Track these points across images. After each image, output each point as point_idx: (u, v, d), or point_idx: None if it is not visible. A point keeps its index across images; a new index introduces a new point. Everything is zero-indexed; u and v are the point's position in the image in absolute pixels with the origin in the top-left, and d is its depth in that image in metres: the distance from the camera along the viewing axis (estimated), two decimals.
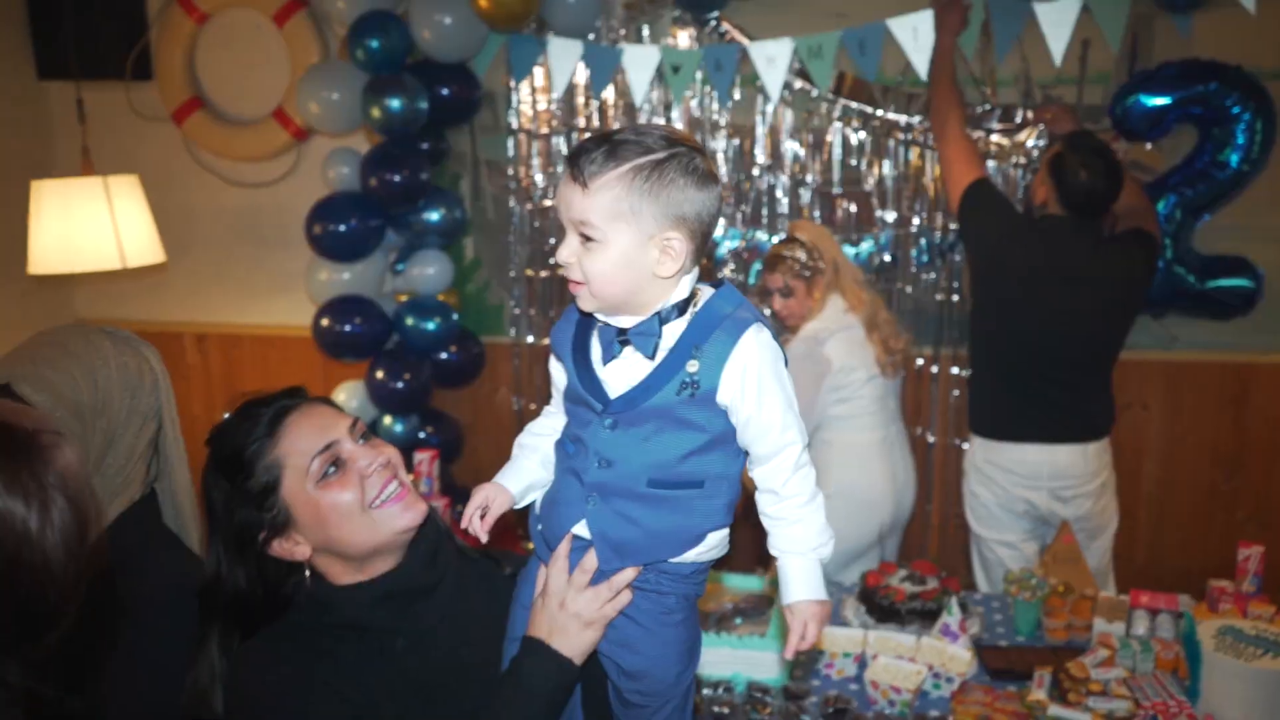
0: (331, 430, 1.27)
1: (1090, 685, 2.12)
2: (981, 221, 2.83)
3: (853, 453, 2.88)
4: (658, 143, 1.09)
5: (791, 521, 1.15)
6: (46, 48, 3.85)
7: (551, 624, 1.20)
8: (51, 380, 1.36)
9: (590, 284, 1.11)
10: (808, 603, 1.14)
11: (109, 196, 3.05)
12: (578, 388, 1.17)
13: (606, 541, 1.16)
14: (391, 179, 3.24)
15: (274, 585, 1.29)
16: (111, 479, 1.41)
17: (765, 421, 1.12)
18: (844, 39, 2.96)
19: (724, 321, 1.12)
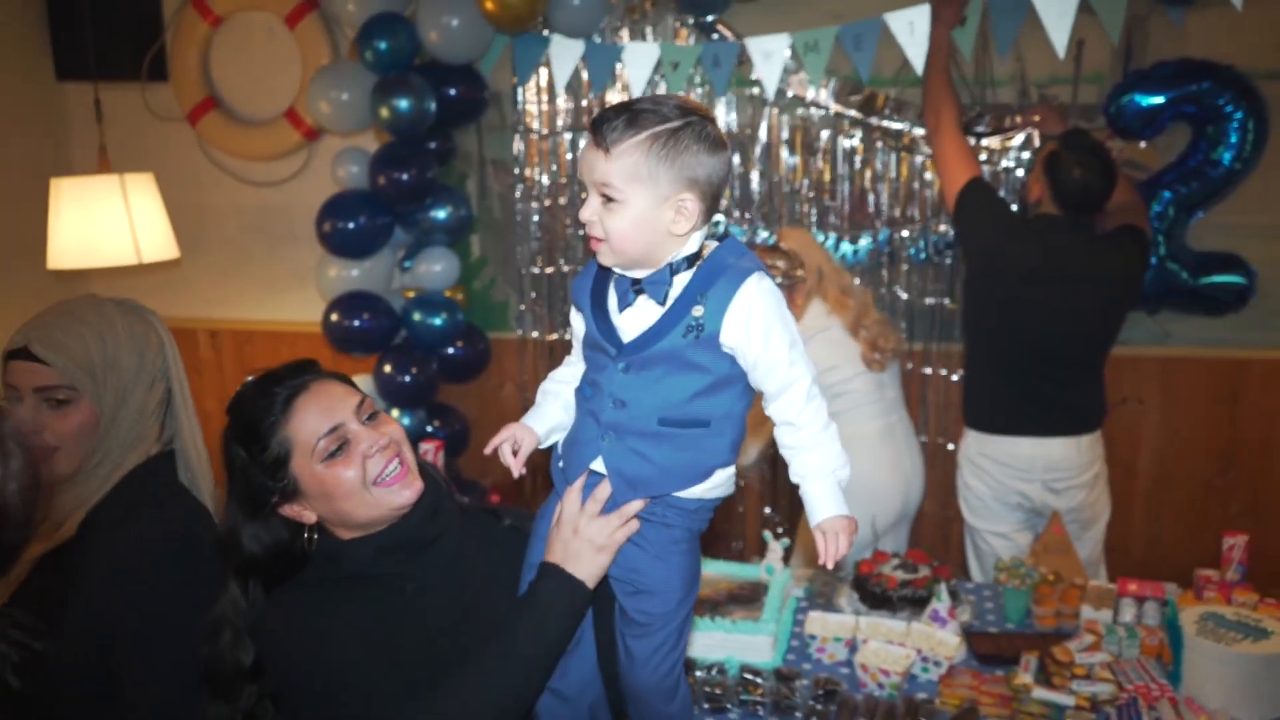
0: (339, 412, 1.37)
1: (1075, 669, 2.17)
2: (977, 220, 2.88)
3: (854, 446, 2.90)
4: (673, 111, 1.20)
5: (810, 448, 1.26)
6: (65, 50, 3.95)
7: (566, 550, 1.30)
8: (65, 343, 1.47)
9: (610, 240, 1.22)
10: (834, 519, 1.25)
11: (125, 194, 3.14)
12: (595, 334, 1.28)
13: (621, 476, 1.27)
14: (399, 178, 3.32)
15: (285, 542, 1.40)
16: (126, 433, 1.53)
17: (772, 359, 1.22)
18: (840, 34, 3.01)
19: (727, 270, 1.23)
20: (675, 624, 1.32)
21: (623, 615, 1.34)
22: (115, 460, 1.53)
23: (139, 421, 1.54)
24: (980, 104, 3.32)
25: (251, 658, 1.36)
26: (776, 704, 2.07)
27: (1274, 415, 3.36)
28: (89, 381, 1.49)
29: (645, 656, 1.31)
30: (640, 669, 1.32)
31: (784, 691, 2.09)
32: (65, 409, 1.49)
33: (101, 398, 1.50)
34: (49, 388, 1.48)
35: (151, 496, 1.52)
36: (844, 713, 2.03)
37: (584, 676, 1.38)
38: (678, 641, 1.33)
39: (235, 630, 1.37)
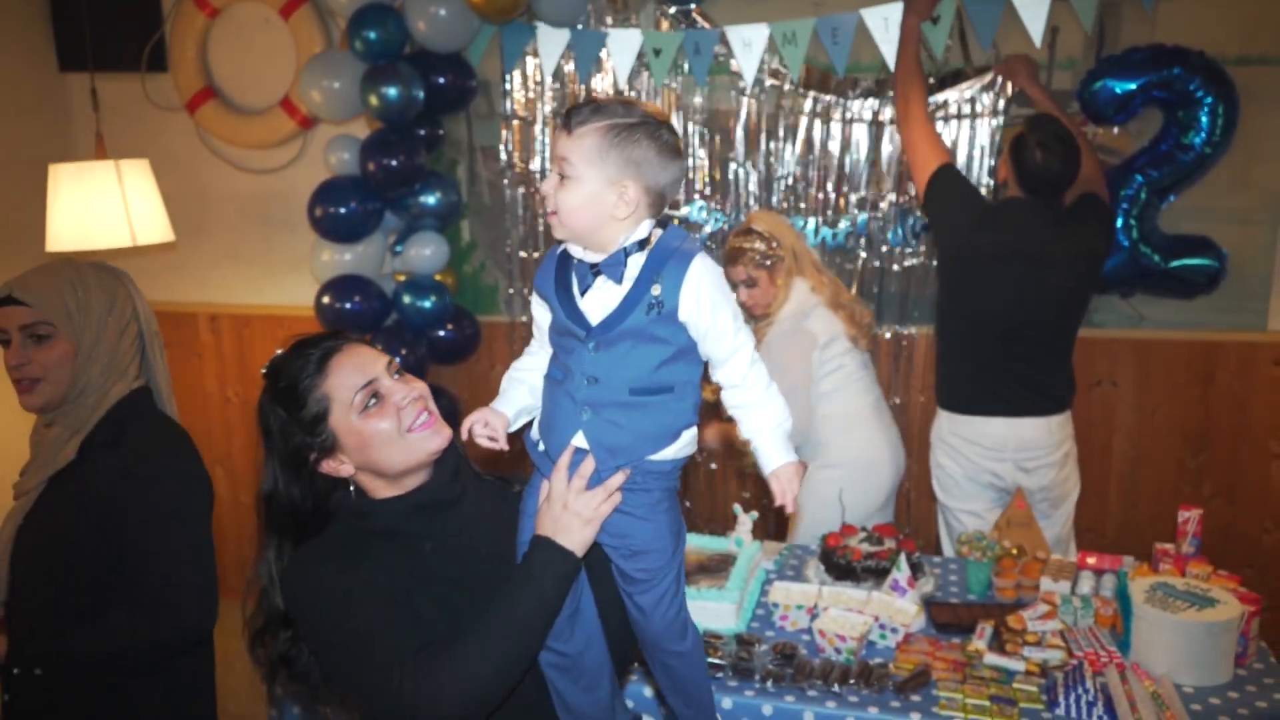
0: (371, 368, 1.48)
1: (1027, 636, 2.24)
2: (947, 206, 2.94)
3: (850, 421, 2.98)
4: (634, 111, 1.34)
5: (756, 406, 1.41)
6: (67, 41, 4.04)
7: (556, 524, 1.41)
8: (41, 287, 1.70)
9: (560, 214, 1.35)
10: (784, 465, 1.41)
11: (120, 179, 3.23)
12: (563, 319, 1.38)
13: (601, 446, 1.38)
14: (389, 164, 3.40)
15: (322, 498, 1.50)
16: (104, 366, 1.75)
17: (720, 329, 1.36)
18: (818, 26, 3.07)
19: (675, 252, 1.35)
20: (673, 573, 1.45)
21: (624, 576, 1.45)
22: (99, 390, 1.75)
23: (114, 357, 1.75)
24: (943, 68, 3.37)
25: (283, 606, 1.47)
26: (735, 666, 2.14)
27: (1245, 397, 3.40)
28: (64, 318, 1.70)
29: (652, 606, 1.44)
30: (650, 618, 1.45)
31: (743, 655, 2.17)
32: (46, 344, 1.71)
33: (77, 333, 1.71)
34: (30, 324, 1.70)
35: (137, 418, 1.77)
36: (800, 675, 2.11)
37: (587, 636, 1.49)
38: (678, 587, 1.47)
39: (271, 581, 1.48)
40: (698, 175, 3.64)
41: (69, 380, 1.73)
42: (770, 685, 2.09)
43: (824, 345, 2.93)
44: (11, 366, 1.72)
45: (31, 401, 1.75)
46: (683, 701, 1.55)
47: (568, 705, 1.50)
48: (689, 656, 1.51)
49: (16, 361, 1.71)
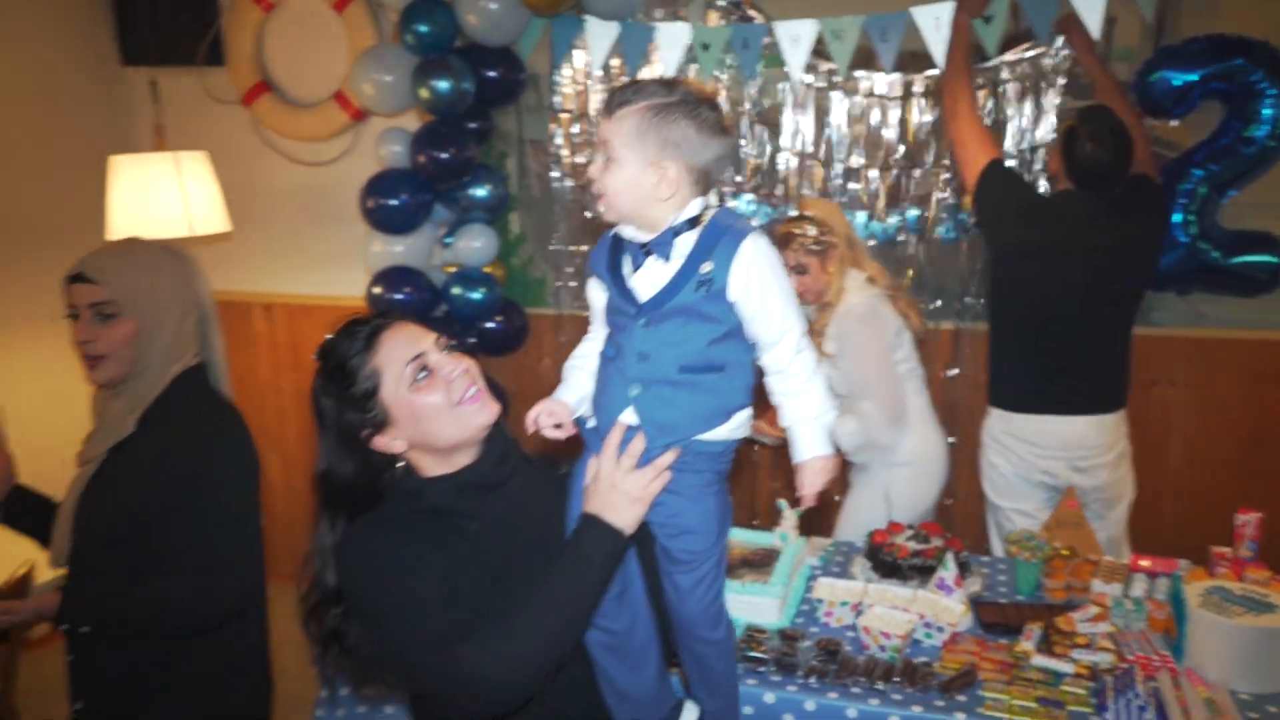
0: (420, 343, 1.50)
1: (1077, 638, 2.20)
2: (996, 200, 2.90)
3: (913, 417, 2.94)
4: (675, 91, 1.34)
5: (797, 395, 1.40)
6: (129, 36, 4.14)
7: (604, 502, 1.42)
8: (111, 267, 1.78)
9: (606, 197, 1.37)
10: (815, 458, 1.40)
11: (179, 170, 3.30)
12: (616, 298, 1.40)
13: (651, 422, 1.39)
14: (440, 156, 3.43)
15: (374, 476, 1.53)
16: (164, 347, 1.83)
17: (769, 311, 1.36)
18: (866, 24, 3.05)
19: (728, 231, 1.35)
20: (714, 558, 1.46)
21: (666, 555, 1.46)
22: (159, 370, 1.82)
23: (175, 338, 1.83)
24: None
25: (335, 582, 1.50)
26: (779, 661, 2.13)
27: None
28: (131, 299, 1.78)
29: (690, 588, 1.45)
30: (686, 600, 1.46)
31: (786, 650, 2.16)
32: (111, 322, 1.78)
33: (141, 314, 1.79)
34: (99, 303, 1.78)
35: (192, 395, 1.85)
36: (844, 671, 2.10)
37: (635, 616, 1.50)
38: (717, 573, 1.47)
39: (324, 558, 1.51)
40: (746, 168, 3.62)
41: (132, 358, 1.81)
42: (814, 681, 2.08)
43: (894, 334, 2.89)
44: (79, 342, 1.80)
45: (96, 376, 1.83)
46: (709, 692, 1.55)
47: (615, 685, 1.52)
48: (720, 646, 1.51)
49: (84, 338, 1.79)
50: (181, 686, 1.86)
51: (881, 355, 2.84)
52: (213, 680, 1.89)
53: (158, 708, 1.85)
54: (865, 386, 2.83)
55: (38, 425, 3.80)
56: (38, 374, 3.88)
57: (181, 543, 1.77)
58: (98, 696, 1.88)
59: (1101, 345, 2.89)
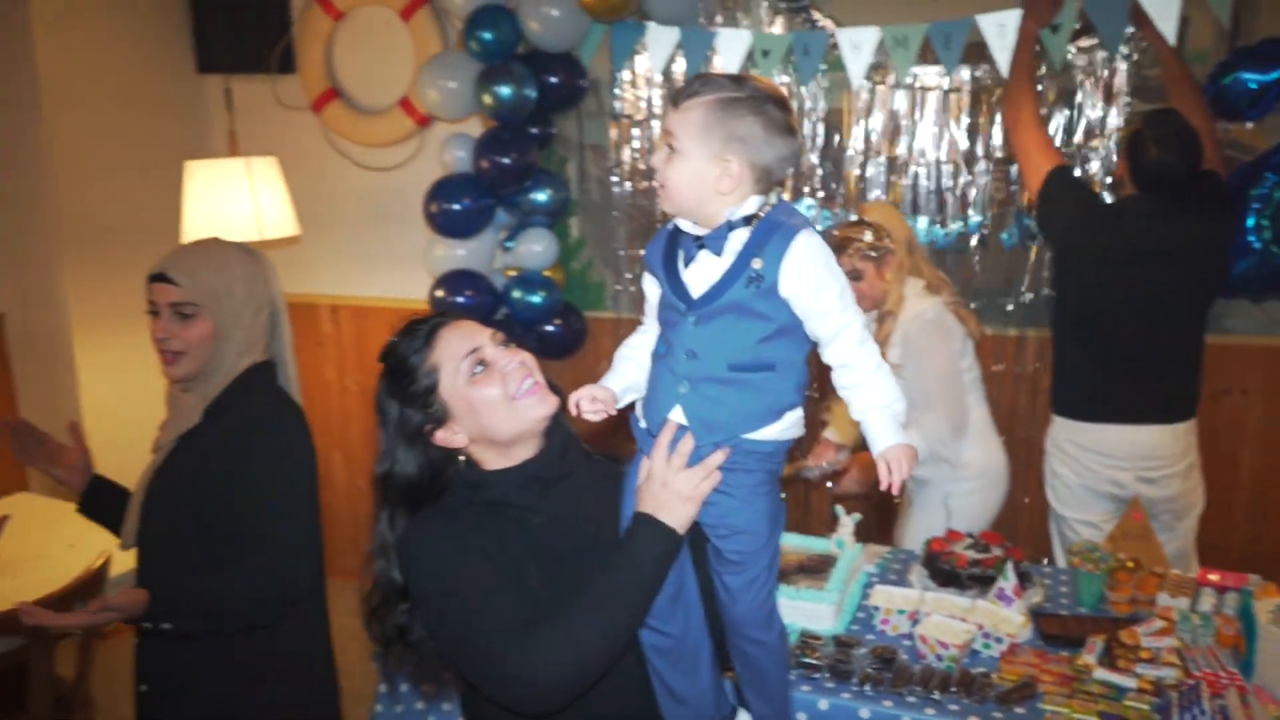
0: (476, 338, 1.54)
1: (1141, 653, 2.16)
2: (1059, 206, 2.86)
3: (976, 429, 2.90)
4: (743, 87, 1.34)
5: (865, 386, 1.38)
6: (205, 45, 4.26)
7: (656, 501, 1.43)
8: (192, 269, 1.85)
9: (667, 188, 1.37)
10: (893, 447, 1.37)
11: (250, 175, 3.40)
12: (668, 293, 1.41)
13: (698, 420, 1.39)
14: (502, 162, 3.48)
15: (436, 470, 1.56)
16: (237, 345, 1.90)
17: (824, 307, 1.34)
18: (930, 31, 3.02)
19: (780, 227, 1.35)
20: (766, 559, 1.45)
21: (717, 555, 1.47)
22: (230, 366, 1.90)
23: (248, 337, 1.90)
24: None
25: (399, 577, 1.53)
26: (833, 668, 2.13)
27: None
28: (209, 300, 1.85)
29: (741, 589, 1.45)
30: (737, 601, 1.46)
31: (841, 657, 2.16)
32: (190, 322, 1.85)
33: (218, 314, 1.86)
34: (179, 303, 1.85)
35: (257, 390, 1.91)
36: (899, 680, 2.08)
37: (689, 618, 1.51)
38: (769, 574, 1.47)
39: (388, 554, 1.54)
40: (809, 172, 3.61)
41: (207, 356, 1.88)
42: (868, 689, 2.07)
43: (960, 342, 2.84)
44: (157, 338, 1.87)
45: (173, 372, 1.90)
46: (760, 697, 1.55)
47: (669, 689, 1.52)
48: (772, 649, 1.51)
49: (162, 335, 1.86)
50: (241, 675, 1.91)
51: (949, 365, 2.79)
52: (272, 671, 1.94)
53: (218, 694, 1.91)
54: (929, 397, 2.78)
55: (118, 419, 3.95)
56: (119, 369, 4.02)
57: (243, 534, 1.83)
58: (161, 681, 1.96)
59: (1171, 352, 2.82)
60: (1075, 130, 3.32)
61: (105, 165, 4.00)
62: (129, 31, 4.08)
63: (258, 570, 1.81)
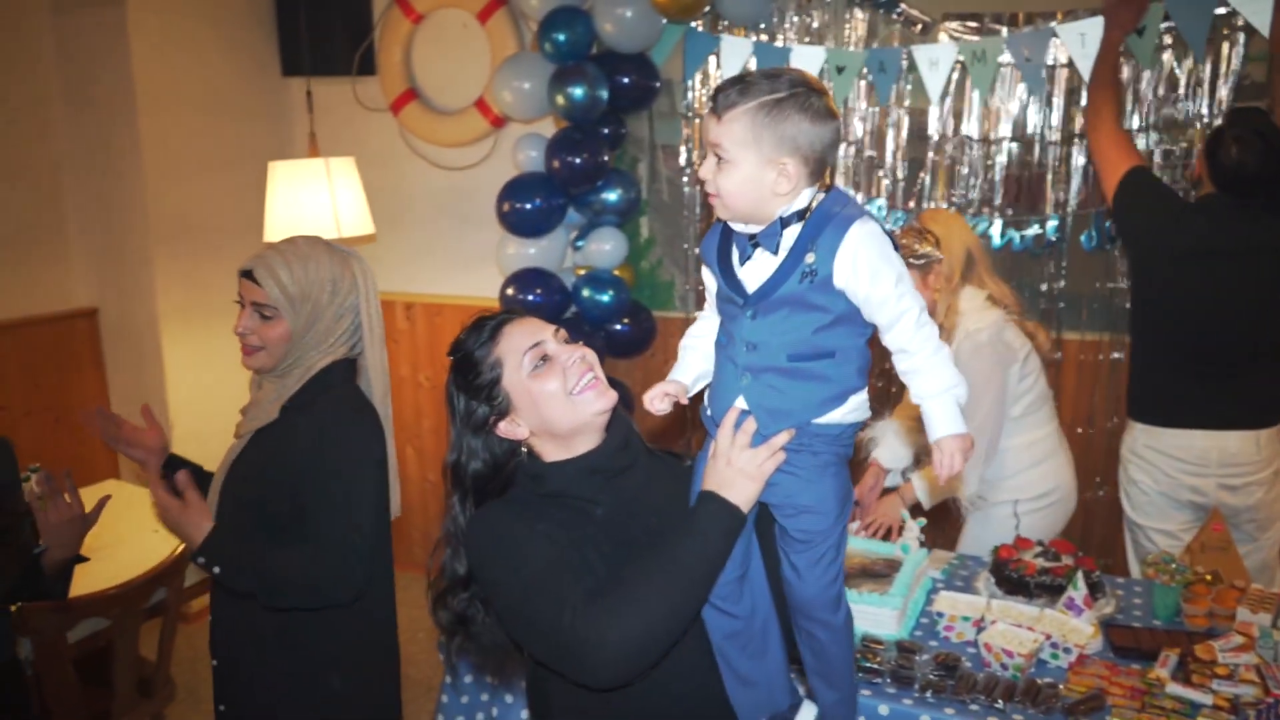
0: (539, 333, 1.58)
1: (1217, 668, 2.09)
2: (1136, 206, 2.79)
3: (1030, 452, 2.80)
4: (782, 84, 1.32)
5: (925, 371, 1.36)
6: (288, 48, 4.39)
7: (720, 478, 1.44)
8: (277, 273, 1.91)
9: (721, 197, 1.37)
10: (950, 437, 1.36)
11: (329, 175, 3.49)
12: (724, 288, 1.42)
13: (763, 409, 1.41)
14: (573, 161, 3.52)
15: (501, 462, 1.60)
16: (312, 346, 1.96)
17: (881, 295, 1.33)
18: (1008, 45, 2.97)
19: (833, 218, 1.34)
20: (833, 539, 1.46)
21: (785, 535, 1.47)
22: (306, 365, 1.96)
23: (324, 339, 1.97)
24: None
25: (465, 567, 1.57)
26: (895, 674, 2.11)
27: None
28: (288, 306, 1.92)
29: (808, 568, 1.46)
30: (805, 581, 1.46)
31: (903, 662, 2.13)
32: (270, 322, 1.93)
33: (296, 318, 1.93)
34: (261, 304, 1.92)
35: (332, 389, 1.97)
36: (962, 687, 2.05)
37: (754, 599, 1.52)
38: (836, 555, 1.47)
39: (454, 543, 1.59)
40: (883, 174, 3.58)
41: (282, 354, 1.95)
42: (930, 696, 2.05)
43: (1024, 360, 2.73)
44: (238, 331, 1.95)
45: (249, 363, 1.99)
46: (827, 684, 1.55)
47: (736, 671, 1.53)
48: (838, 631, 1.51)
49: (243, 329, 1.94)
50: (308, 660, 1.98)
51: (996, 394, 2.68)
52: (338, 659, 1.99)
53: (285, 675, 1.98)
54: (968, 419, 2.72)
55: (201, 409, 4.10)
56: (203, 362, 4.17)
57: (303, 524, 1.89)
58: (231, 655, 2.04)
59: (1255, 355, 2.73)
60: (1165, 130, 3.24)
61: (194, 166, 4.15)
62: (219, 38, 4.23)
63: (313, 563, 1.87)
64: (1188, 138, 3.18)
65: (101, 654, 2.76)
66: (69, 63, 4.02)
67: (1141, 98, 3.21)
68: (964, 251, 2.76)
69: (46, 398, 4.10)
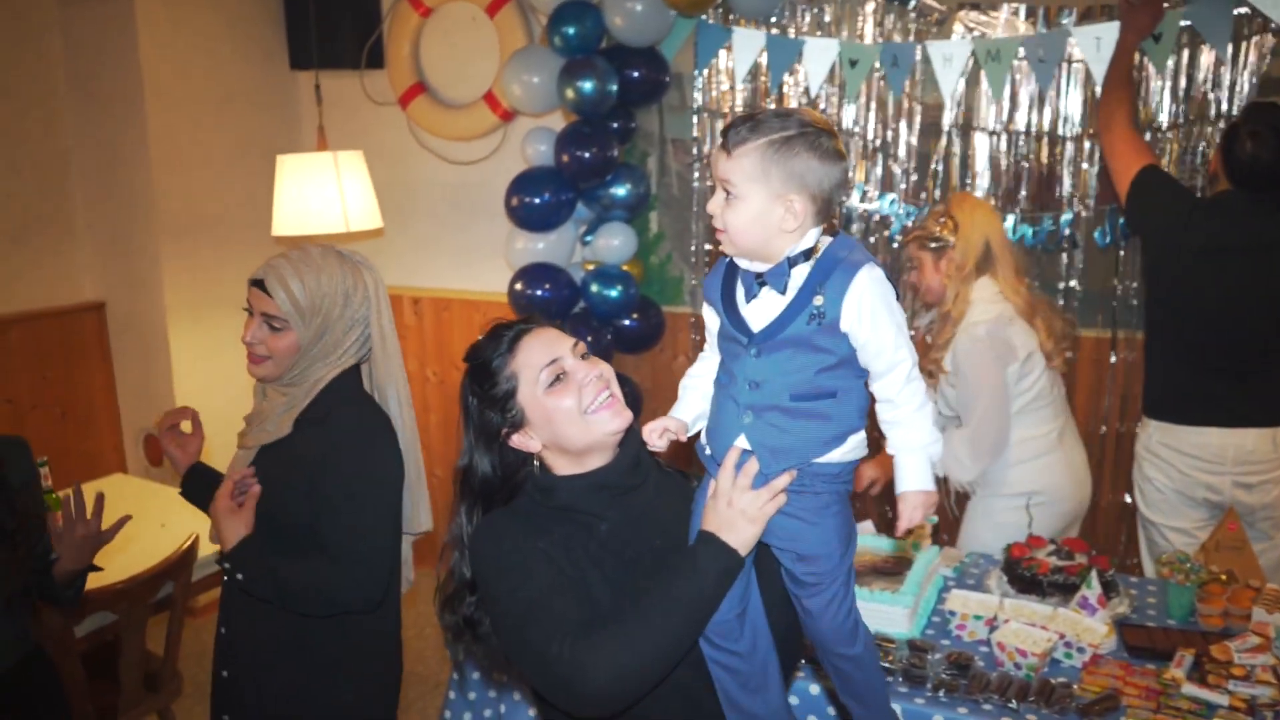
0: (557, 348, 1.56)
1: (1233, 669, 2.07)
2: (1151, 204, 2.77)
3: (1028, 450, 2.77)
4: (792, 123, 1.33)
5: (906, 425, 1.38)
6: (297, 42, 4.38)
7: (720, 520, 1.43)
8: (288, 285, 1.88)
9: (729, 232, 1.37)
10: (915, 492, 1.38)
11: (338, 169, 3.47)
12: (728, 326, 1.41)
13: (764, 448, 1.40)
14: (583, 156, 3.50)
15: (510, 472, 1.59)
16: (324, 355, 1.94)
17: (880, 343, 1.34)
18: (1024, 45, 2.95)
19: (841, 263, 1.34)
20: (841, 577, 1.45)
21: (793, 579, 1.46)
22: (314, 375, 1.94)
23: (332, 351, 1.94)
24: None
25: (472, 572, 1.56)
26: (907, 673, 2.09)
27: None
28: (297, 319, 1.89)
29: (821, 609, 1.45)
30: (819, 621, 1.46)
31: (915, 661, 2.11)
32: (278, 333, 1.91)
33: (305, 331, 1.90)
34: (270, 315, 1.90)
35: (344, 401, 1.95)
36: (975, 686, 2.03)
37: (753, 637, 1.51)
38: (847, 590, 1.46)
39: (460, 548, 1.58)
40: (897, 169, 3.55)
41: (290, 365, 1.93)
42: (943, 695, 2.03)
43: (1024, 360, 2.70)
44: (246, 340, 1.93)
45: (255, 371, 1.96)
46: (857, 702, 1.54)
47: (738, 706, 1.52)
48: (861, 660, 1.50)
49: (251, 339, 1.92)
50: (314, 668, 1.96)
51: (993, 390, 2.67)
52: (344, 667, 1.98)
53: (291, 683, 1.97)
54: (967, 414, 2.72)
55: (208, 404, 4.09)
56: (210, 356, 4.17)
57: (318, 536, 1.88)
58: (240, 666, 2.01)
59: (1270, 352, 2.71)
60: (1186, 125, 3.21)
61: (201, 159, 4.14)
62: (226, 31, 4.22)
63: (326, 574, 1.86)
64: (1207, 136, 3.15)
65: (109, 648, 2.75)
66: (76, 56, 4.01)
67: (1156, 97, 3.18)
68: (982, 241, 2.72)
69: (54, 391, 4.10)
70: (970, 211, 2.76)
